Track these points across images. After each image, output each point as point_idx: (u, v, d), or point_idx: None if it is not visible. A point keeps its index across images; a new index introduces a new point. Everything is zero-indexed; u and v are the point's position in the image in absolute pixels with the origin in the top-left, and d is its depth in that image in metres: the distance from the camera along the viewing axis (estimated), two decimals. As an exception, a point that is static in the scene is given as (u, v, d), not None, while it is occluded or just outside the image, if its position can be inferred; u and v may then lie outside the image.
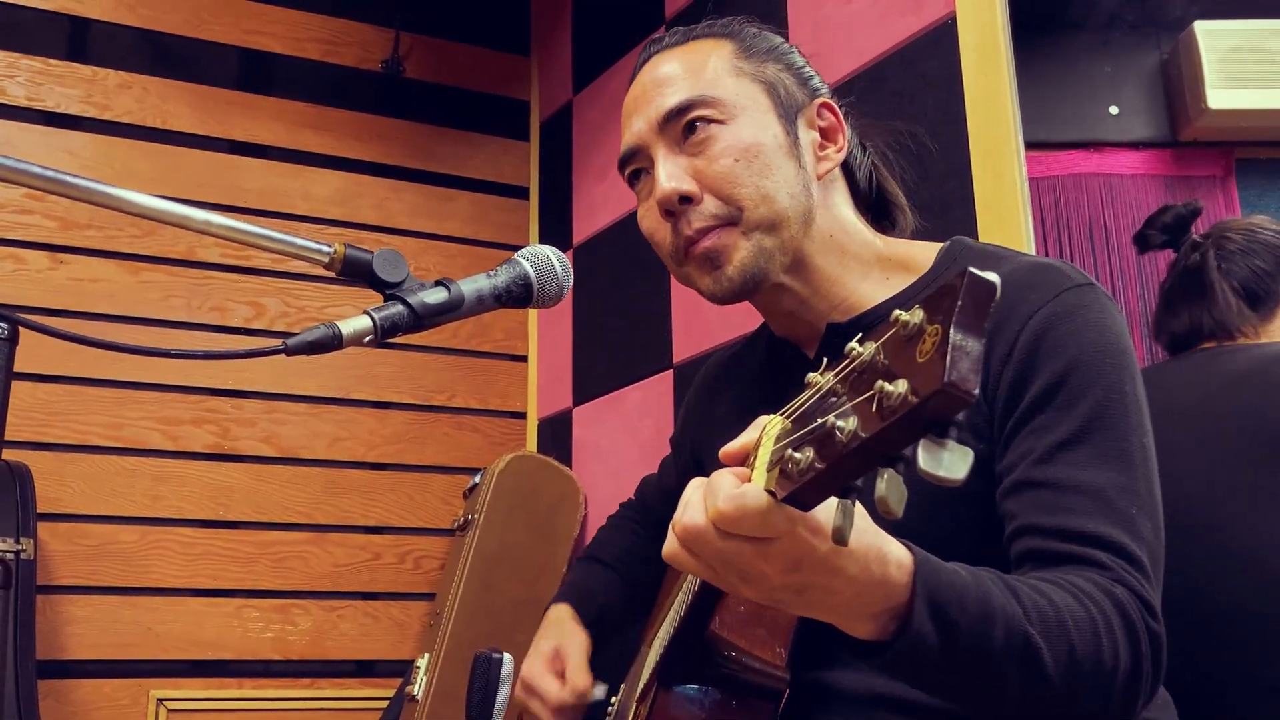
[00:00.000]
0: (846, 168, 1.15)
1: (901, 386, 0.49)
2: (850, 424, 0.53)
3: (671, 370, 2.21)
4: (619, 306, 2.40)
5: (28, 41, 2.38)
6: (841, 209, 1.11)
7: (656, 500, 1.48)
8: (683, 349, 2.19)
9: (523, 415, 2.71)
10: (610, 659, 1.47)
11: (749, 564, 0.67)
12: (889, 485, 0.52)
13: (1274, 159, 2.63)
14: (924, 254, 1.10)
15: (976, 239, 1.16)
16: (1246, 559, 1.21)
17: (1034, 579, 0.82)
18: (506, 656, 1.25)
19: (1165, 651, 0.85)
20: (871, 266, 1.10)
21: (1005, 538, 0.91)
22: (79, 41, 2.44)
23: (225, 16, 2.56)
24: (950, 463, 0.50)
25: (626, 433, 2.33)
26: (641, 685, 1.26)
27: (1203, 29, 2.53)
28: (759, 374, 1.22)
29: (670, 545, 0.72)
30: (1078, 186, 2.58)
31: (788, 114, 1.08)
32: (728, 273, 1.05)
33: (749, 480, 0.66)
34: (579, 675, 1.26)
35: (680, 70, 1.09)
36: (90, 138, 2.39)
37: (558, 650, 1.30)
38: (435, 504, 2.56)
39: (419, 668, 2.19)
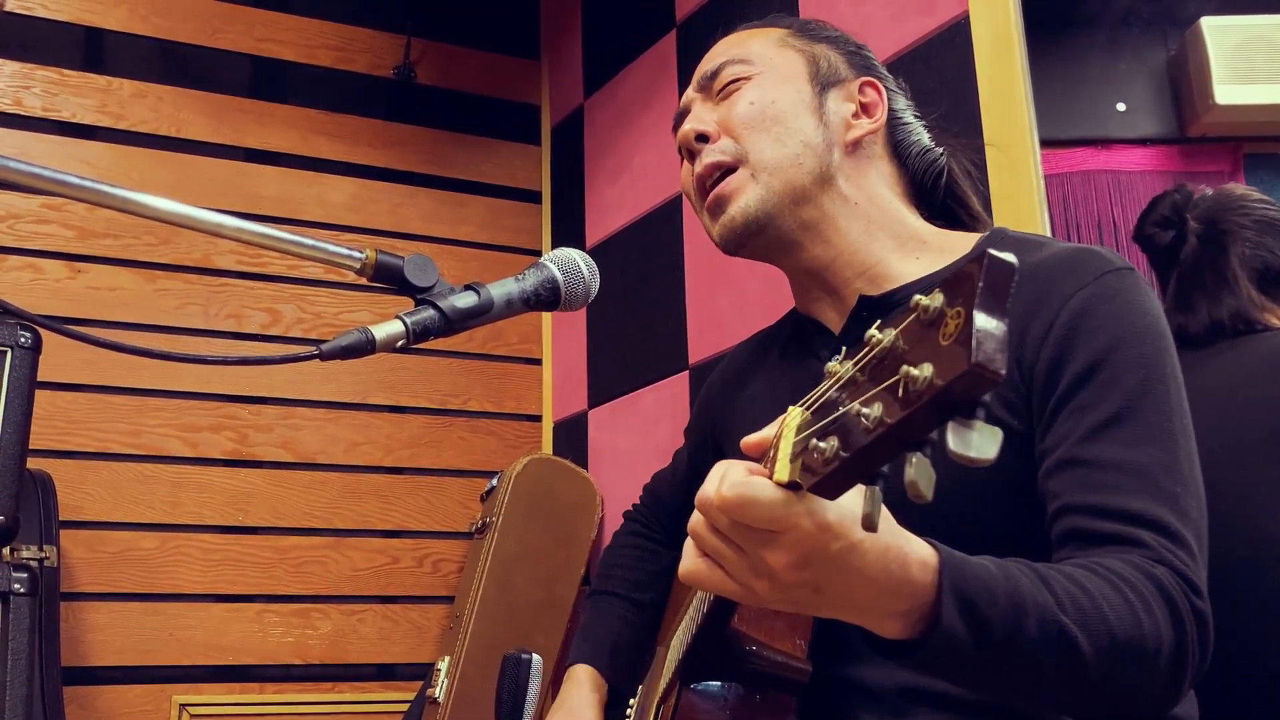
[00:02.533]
0: (897, 155, 1.17)
1: (926, 370, 0.49)
2: (875, 410, 0.53)
3: (687, 372, 2.22)
4: (633, 309, 2.41)
5: (43, 52, 2.40)
6: (876, 184, 1.13)
7: (668, 494, 1.49)
8: (698, 351, 2.20)
9: (538, 418, 2.72)
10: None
11: (756, 555, 0.67)
12: (918, 469, 0.52)
13: (1281, 153, 2.63)
14: (963, 241, 1.12)
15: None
16: (1273, 549, 1.21)
17: (1068, 566, 0.82)
18: (535, 657, 1.27)
19: (1212, 629, 0.84)
20: (903, 242, 1.11)
21: (1047, 517, 0.91)
22: (93, 52, 2.46)
23: (237, 25, 2.58)
24: (979, 443, 0.49)
25: (642, 435, 2.34)
26: (663, 685, 1.27)
27: (1210, 25, 2.54)
28: (784, 355, 1.24)
29: (686, 562, 0.73)
30: (1086, 183, 2.58)
31: (821, 82, 1.13)
32: (730, 212, 1.10)
33: (767, 473, 0.67)
34: None
35: (731, 42, 1.18)
36: (105, 147, 2.41)
37: None
38: (452, 507, 2.57)
39: (440, 670, 2.20)
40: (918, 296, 0.52)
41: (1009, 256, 0.50)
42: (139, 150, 2.43)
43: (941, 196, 1.20)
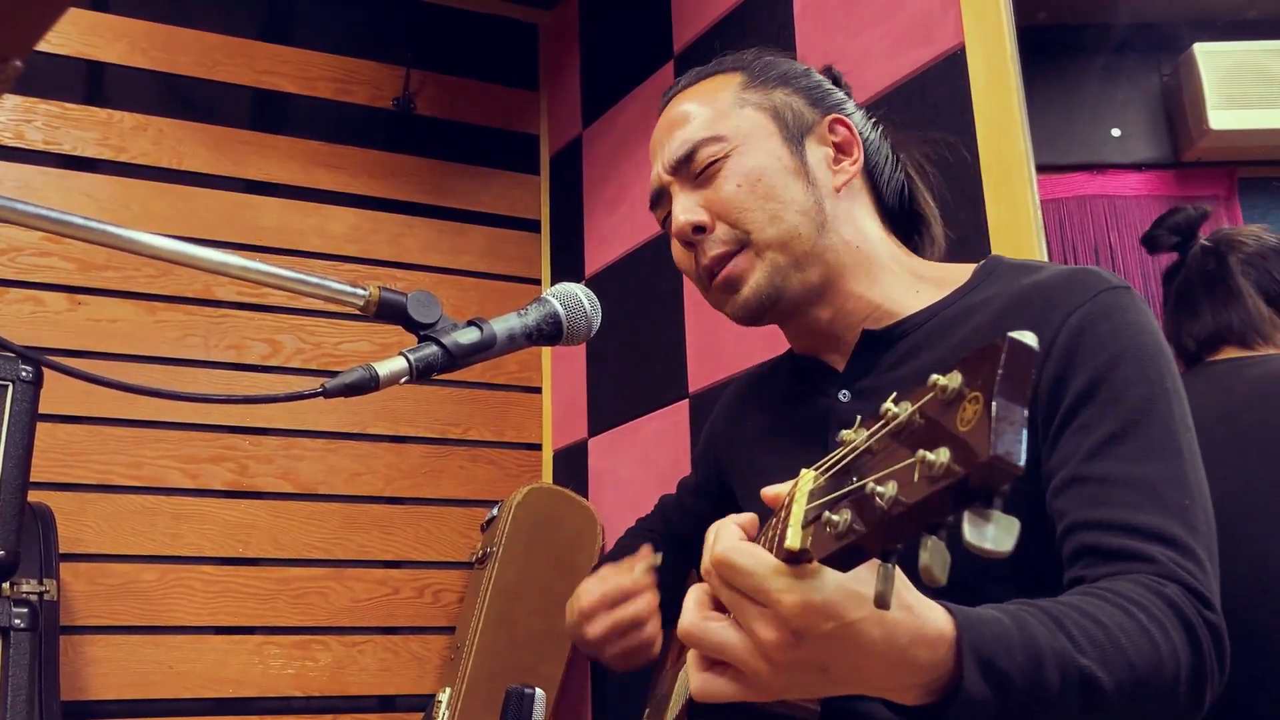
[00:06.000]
0: (871, 181, 1.17)
1: (944, 456, 0.48)
2: (890, 490, 0.51)
3: (687, 400, 2.22)
4: (633, 337, 2.42)
5: (44, 86, 2.41)
6: (864, 222, 1.14)
7: (676, 517, 1.49)
8: (698, 379, 2.20)
9: (538, 447, 2.72)
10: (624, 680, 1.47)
11: (749, 629, 0.67)
12: (932, 554, 0.51)
13: (1276, 178, 2.64)
14: (959, 271, 1.12)
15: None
16: (1274, 576, 1.21)
17: (1078, 597, 0.82)
18: (539, 691, 1.26)
19: (1227, 640, 0.84)
20: (901, 278, 1.12)
21: (1057, 536, 0.91)
22: (95, 85, 2.47)
23: (238, 57, 2.60)
24: (995, 535, 0.48)
25: (643, 463, 2.34)
26: (672, 717, 1.27)
27: (1202, 51, 2.56)
28: (785, 391, 1.24)
29: (684, 619, 0.72)
30: (1082, 209, 2.59)
31: (794, 136, 1.12)
32: (743, 294, 1.10)
33: (775, 533, 0.66)
34: (629, 564, 1.22)
35: (690, 110, 1.15)
36: (107, 180, 2.42)
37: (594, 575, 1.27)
38: (452, 537, 2.56)
39: (440, 702, 2.19)
40: (935, 376, 0.51)
41: (1030, 339, 0.49)
42: (140, 183, 2.44)
43: (908, 213, 1.21)
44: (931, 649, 0.69)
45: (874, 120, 1.20)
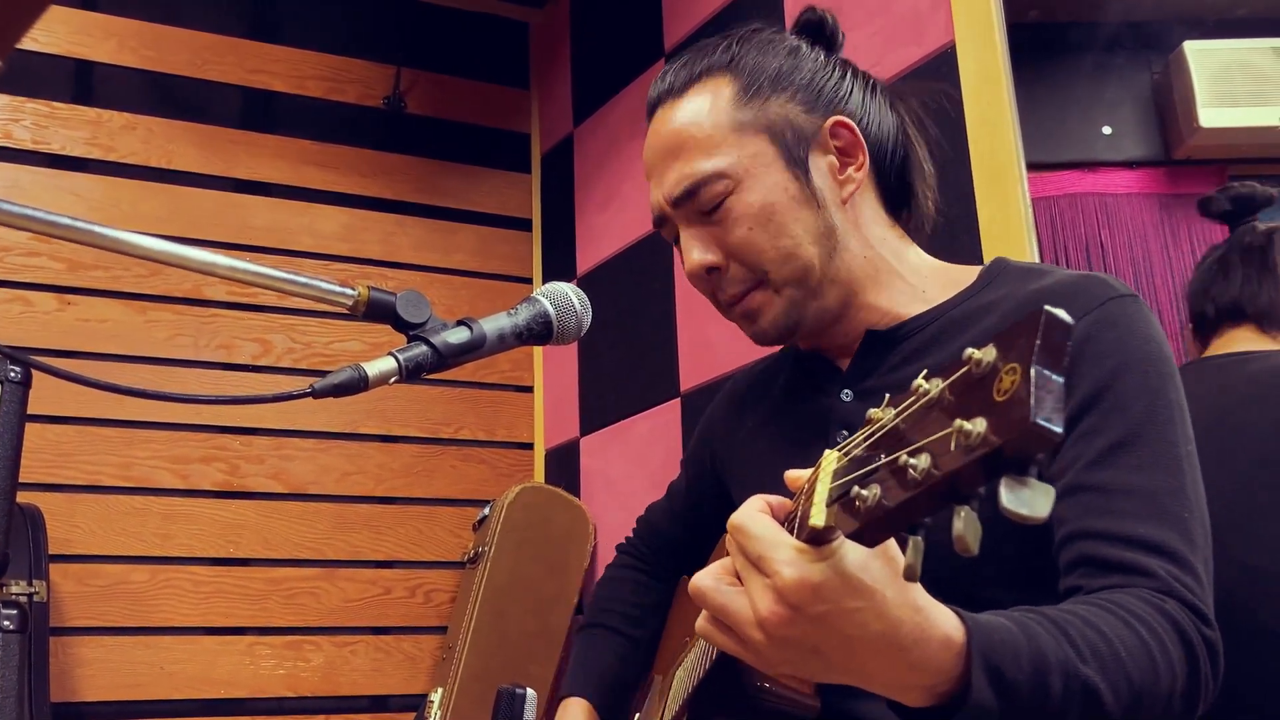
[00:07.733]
0: (878, 169, 1.13)
1: (980, 425, 0.49)
2: (923, 462, 0.52)
3: (679, 399, 2.22)
4: (624, 336, 2.41)
5: (33, 85, 2.40)
6: (871, 224, 1.11)
7: (665, 526, 1.48)
8: (690, 377, 2.20)
9: (530, 446, 2.72)
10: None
11: (750, 590, 0.67)
12: (966, 523, 0.51)
13: (1266, 175, 2.64)
14: (964, 273, 1.12)
15: (982, 264, 1.16)
16: (1270, 575, 1.21)
17: (1082, 606, 0.82)
18: (530, 691, 1.26)
19: (1222, 654, 0.85)
20: (908, 280, 1.11)
21: (1055, 543, 0.91)
22: (83, 84, 2.46)
23: (228, 56, 2.59)
24: (1033, 500, 0.49)
25: (635, 462, 2.34)
26: (669, 717, 1.27)
27: (1193, 49, 2.56)
28: (787, 387, 1.23)
29: (700, 577, 0.73)
30: (1073, 206, 2.59)
31: (796, 158, 1.07)
32: (762, 326, 1.10)
33: (798, 511, 0.66)
34: None
35: (683, 132, 1.09)
36: (96, 179, 2.41)
37: None
38: (444, 537, 2.56)
39: (433, 702, 2.19)
40: (970, 350, 0.51)
41: (1065, 315, 0.50)
42: (129, 182, 2.43)
43: (902, 185, 1.16)
44: (938, 652, 0.69)
45: (871, 85, 1.14)
